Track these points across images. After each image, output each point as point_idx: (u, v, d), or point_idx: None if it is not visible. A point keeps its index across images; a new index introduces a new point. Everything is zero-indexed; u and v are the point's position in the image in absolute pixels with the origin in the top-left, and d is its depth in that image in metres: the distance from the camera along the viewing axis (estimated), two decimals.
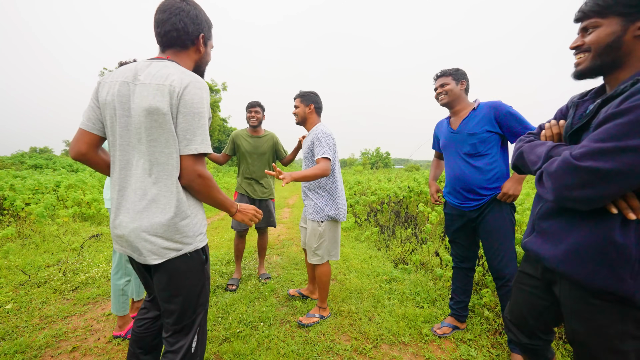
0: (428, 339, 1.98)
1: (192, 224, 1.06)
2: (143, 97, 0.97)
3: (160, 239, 1.01)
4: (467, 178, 1.81)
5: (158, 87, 0.96)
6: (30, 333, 2.03)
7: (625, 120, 0.71)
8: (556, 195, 0.82)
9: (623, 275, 0.79)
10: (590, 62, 0.88)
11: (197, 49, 1.12)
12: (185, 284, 1.07)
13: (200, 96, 0.99)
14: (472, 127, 1.79)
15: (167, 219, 1.00)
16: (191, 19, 1.06)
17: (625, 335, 0.82)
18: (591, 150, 0.75)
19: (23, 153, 19.89)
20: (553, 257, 0.91)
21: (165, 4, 1.05)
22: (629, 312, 0.81)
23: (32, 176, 8.19)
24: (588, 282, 0.84)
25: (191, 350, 1.11)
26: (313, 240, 2.15)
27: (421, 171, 13.97)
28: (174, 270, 1.04)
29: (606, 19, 0.83)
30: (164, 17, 1.04)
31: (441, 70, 1.93)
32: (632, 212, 0.77)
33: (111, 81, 1.03)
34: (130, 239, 1.02)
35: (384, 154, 42.77)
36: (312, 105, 2.19)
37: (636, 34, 0.80)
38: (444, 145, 1.98)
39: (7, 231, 3.80)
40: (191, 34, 1.07)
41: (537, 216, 1.00)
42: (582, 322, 0.89)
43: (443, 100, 1.90)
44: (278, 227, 5.35)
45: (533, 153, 0.96)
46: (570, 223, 0.88)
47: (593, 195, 0.76)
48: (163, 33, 1.06)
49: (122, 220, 1.03)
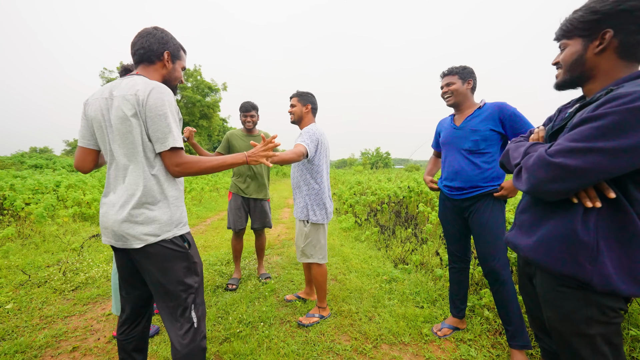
0: (428, 339, 1.98)
1: (166, 213, 1.20)
2: (116, 107, 1.16)
3: (140, 226, 1.16)
4: (466, 174, 1.83)
5: (126, 97, 1.14)
6: (31, 333, 2.03)
7: (598, 125, 0.81)
8: (529, 187, 0.92)
9: (582, 262, 0.88)
10: (562, 76, 1.04)
11: (163, 64, 1.30)
12: (167, 266, 1.21)
13: (162, 99, 1.14)
14: (476, 124, 1.81)
15: (142, 210, 1.17)
16: (157, 39, 1.27)
17: (591, 320, 0.90)
18: (563, 149, 0.85)
19: (23, 153, 19.90)
20: (527, 247, 1.01)
21: (139, 32, 1.29)
22: (591, 297, 0.90)
23: (32, 176, 8.20)
24: (554, 268, 0.93)
25: (194, 325, 1.24)
26: (300, 239, 2.19)
27: (421, 171, 13.97)
28: (154, 254, 1.18)
29: (572, 40, 0.99)
30: (136, 40, 1.28)
31: (448, 69, 1.92)
32: (589, 200, 0.87)
33: (93, 100, 1.24)
34: (114, 228, 1.18)
35: (384, 154, 42.80)
36: (310, 105, 2.20)
37: (595, 51, 0.94)
38: (444, 141, 1.98)
39: (7, 231, 3.80)
40: (156, 50, 1.27)
41: (518, 211, 1.11)
42: (552, 309, 0.98)
43: (449, 101, 1.92)
44: (278, 227, 5.35)
45: (516, 151, 1.07)
46: (542, 215, 0.99)
47: (560, 188, 0.86)
48: (134, 52, 1.28)
49: (108, 212, 1.21)
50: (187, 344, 1.21)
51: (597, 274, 0.86)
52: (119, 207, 1.17)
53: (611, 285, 0.86)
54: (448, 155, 1.95)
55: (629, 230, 0.86)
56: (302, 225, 2.18)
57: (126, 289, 1.34)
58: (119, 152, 1.19)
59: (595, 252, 0.87)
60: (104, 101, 1.19)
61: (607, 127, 0.79)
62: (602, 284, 0.86)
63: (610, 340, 0.90)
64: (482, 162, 1.79)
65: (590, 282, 0.87)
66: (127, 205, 1.16)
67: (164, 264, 1.19)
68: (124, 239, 1.17)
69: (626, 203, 0.86)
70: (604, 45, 0.92)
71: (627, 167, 0.80)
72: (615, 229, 0.87)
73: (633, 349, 1.71)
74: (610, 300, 0.88)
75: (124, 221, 1.15)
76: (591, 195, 0.87)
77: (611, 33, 0.90)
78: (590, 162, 0.80)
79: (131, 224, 1.15)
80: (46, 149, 40.41)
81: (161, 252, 1.18)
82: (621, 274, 0.86)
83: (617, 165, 0.79)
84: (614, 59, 0.93)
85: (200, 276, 1.30)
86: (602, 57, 0.94)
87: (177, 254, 1.21)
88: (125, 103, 1.14)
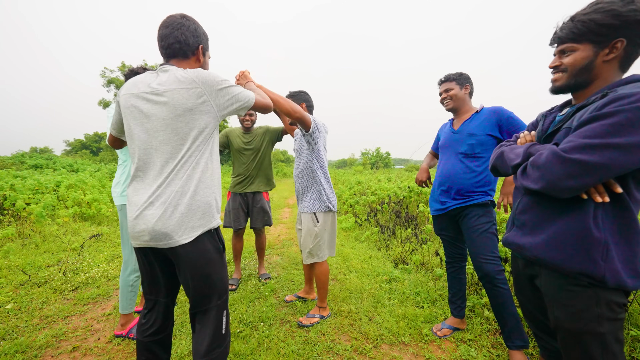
0: (428, 339, 1.98)
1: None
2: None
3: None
4: (458, 177, 1.86)
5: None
6: (31, 333, 2.03)
7: (610, 122, 0.83)
8: (544, 184, 0.90)
9: (596, 258, 0.89)
10: (566, 80, 1.02)
11: (197, 58, 1.26)
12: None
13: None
14: (473, 128, 1.84)
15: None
16: (191, 32, 1.20)
17: (601, 317, 0.91)
18: (579, 145, 0.85)
19: (23, 153, 19.90)
20: (534, 247, 1.00)
21: (167, 21, 1.20)
22: (601, 294, 0.91)
23: (32, 176, 8.20)
24: (567, 267, 0.93)
25: (222, 332, 1.22)
26: (309, 240, 2.14)
27: None
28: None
29: (581, 45, 0.97)
30: (167, 32, 1.19)
31: (445, 76, 1.97)
32: (599, 195, 0.87)
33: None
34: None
35: (384, 154, 42.79)
36: (303, 104, 2.19)
37: (605, 59, 0.94)
38: (442, 144, 2.03)
39: (7, 231, 3.80)
40: (191, 45, 1.21)
41: (517, 211, 1.10)
42: (561, 308, 0.97)
43: (448, 105, 1.96)
44: (278, 227, 5.35)
45: (512, 153, 1.08)
46: (549, 214, 0.99)
47: (576, 184, 0.86)
48: (167, 45, 1.19)
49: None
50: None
51: (609, 270, 0.88)
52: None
53: (620, 280, 0.88)
54: (443, 158, 2.00)
55: (632, 225, 0.88)
56: (311, 225, 2.12)
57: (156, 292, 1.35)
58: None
59: (606, 248, 0.88)
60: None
61: (620, 124, 0.81)
62: (613, 279, 0.88)
63: (618, 337, 0.92)
64: (475, 167, 1.83)
65: (602, 279, 0.88)
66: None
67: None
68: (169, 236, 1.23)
69: (628, 199, 0.88)
70: (615, 55, 0.92)
71: (639, 163, 0.82)
72: (619, 224, 0.89)
73: (633, 348, 1.71)
74: (617, 295, 0.91)
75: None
76: (600, 190, 0.88)
77: (624, 43, 0.91)
78: (607, 158, 0.82)
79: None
80: (46, 149, 40.41)
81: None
82: (626, 269, 0.89)
83: (631, 161, 0.81)
84: (615, 68, 0.95)
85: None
86: (607, 65, 0.95)
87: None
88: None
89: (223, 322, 1.23)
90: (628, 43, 0.90)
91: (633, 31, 0.89)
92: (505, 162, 1.09)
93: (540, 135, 1.09)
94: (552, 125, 1.05)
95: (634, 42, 0.91)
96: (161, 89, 1.12)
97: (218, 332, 1.21)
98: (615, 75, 0.96)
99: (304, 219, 2.17)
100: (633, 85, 0.88)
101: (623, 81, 0.92)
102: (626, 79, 0.93)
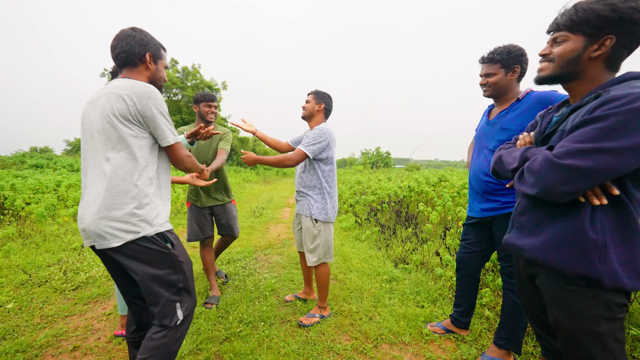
0: (429, 339, 1.98)
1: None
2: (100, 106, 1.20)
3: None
4: (482, 182, 1.66)
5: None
6: (31, 332, 2.04)
7: (602, 126, 0.83)
8: (539, 190, 0.91)
9: (593, 260, 0.89)
10: (552, 71, 1.01)
11: (146, 66, 1.31)
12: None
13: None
14: (508, 122, 1.57)
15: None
16: (137, 42, 1.26)
17: (600, 317, 0.91)
18: (571, 150, 0.85)
19: (24, 153, 19.90)
20: (533, 248, 1.00)
21: (117, 34, 1.28)
22: (600, 294, 0.91)
23: (32, 176, 8.20)
24: (564, 268, 0.93)
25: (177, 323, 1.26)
26: (308, 240, 2.15)
27: (421, 171, 13.96)
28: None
29: (574, 35, 0.95)
30: (115, 44, 1.27)
31: (488, 54, 1.61)
32: (596, 198, 0.88)
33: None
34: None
35: (384, 153, 42.77)
36: (323, 105, 2.19)
37: (592, 55, 0.94)
38: (476, 136, 1.78)
39: (8, 231, 3.80)
40: (137, 53, 1.27)
41: (516, 213, 1.10)
42: (560, 308, 0.98)
43: (487, 93, 1.68)
44: (278, 227, 5.34)
45: (510, 156, 1.08)
46: (547, 216, 0.98)
47: (571, 189, 0.86)
48: (115, 56, 1.28)
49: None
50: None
51: (607, 272, 0.88)
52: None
53: (618, 281, 0.88)
54: (474, 153, 1.76)
55: (631, 226, 0.88)
56: (310, 226, 2.13)
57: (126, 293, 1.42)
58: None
59: (604, 250, 0.88)
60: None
61: (611, 128, 0.81)
62: (611, 281, 0.88)
63: (617, 337, 0.92)
64: None
65: (600, 280, 0.88)
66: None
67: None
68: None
69: (627, 200, 0.88)
70: (601, 52, 0.92)
71: (633, 166, 0.82)
72: (618, 226, 0.89)
73: (634, 348, 1.71)
74: (615, 296, 0.90)
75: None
76: (597, 193, 0.88)
77: (613, 40, 0.90)
78: (600, 163, 0.82)
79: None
80: (47, 149, 40.40)
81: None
82: (626, 270, 0.88)
83: (624, 165, 0.82)
84: (601, 67, 0.95)
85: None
86: (593, 62, 0.95)
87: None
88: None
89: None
90: (616, 42, 0.90)
91: (624, 30, 0.89)
92: (504, 166, 1.09)
93: (538, 136, 1.08)
94: (549, 127, 1.05)
95: (622, 42, 0.90)
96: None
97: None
98: (602, 74, 0.95)
99: (303, 219, 2.19)
100: (625, 84, 0.87)
101: (616, 80, 0.92)
102: (619, 77, 0.92)
